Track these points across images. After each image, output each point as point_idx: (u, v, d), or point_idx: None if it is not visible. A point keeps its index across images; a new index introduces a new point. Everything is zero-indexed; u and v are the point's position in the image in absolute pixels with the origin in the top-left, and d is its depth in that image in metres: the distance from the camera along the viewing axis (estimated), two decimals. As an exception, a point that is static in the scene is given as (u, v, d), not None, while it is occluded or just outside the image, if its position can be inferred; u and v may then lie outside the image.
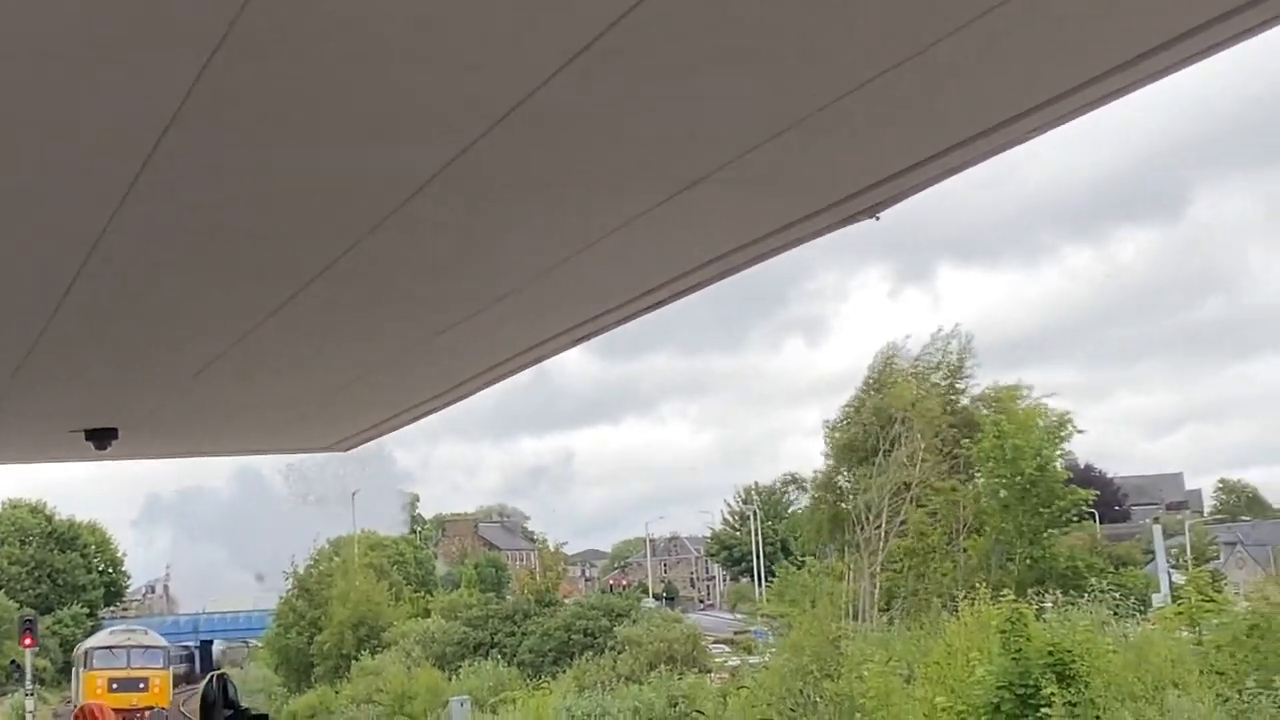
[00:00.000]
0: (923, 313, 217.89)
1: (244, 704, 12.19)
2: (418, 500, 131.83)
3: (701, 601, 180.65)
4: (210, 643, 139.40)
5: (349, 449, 13.79)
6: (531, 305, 8.14)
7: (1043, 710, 27.31)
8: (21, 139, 4.96)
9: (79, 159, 5.21)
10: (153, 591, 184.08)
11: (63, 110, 4.74)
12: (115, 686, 63.15)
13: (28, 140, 4.98)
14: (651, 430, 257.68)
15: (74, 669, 67.74)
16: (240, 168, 5.49)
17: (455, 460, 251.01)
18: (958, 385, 59.31)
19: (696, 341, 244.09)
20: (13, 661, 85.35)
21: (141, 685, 65.21)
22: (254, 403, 10.96)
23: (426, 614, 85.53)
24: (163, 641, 71.93)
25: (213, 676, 12.20)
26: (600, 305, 8.26)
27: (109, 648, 67.96)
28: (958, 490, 54.21)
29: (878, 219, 6.86)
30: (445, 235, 6.67)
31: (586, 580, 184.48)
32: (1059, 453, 55.20)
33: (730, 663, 59.55)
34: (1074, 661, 28.42)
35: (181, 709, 73.22)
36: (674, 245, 7.11)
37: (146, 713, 63.14)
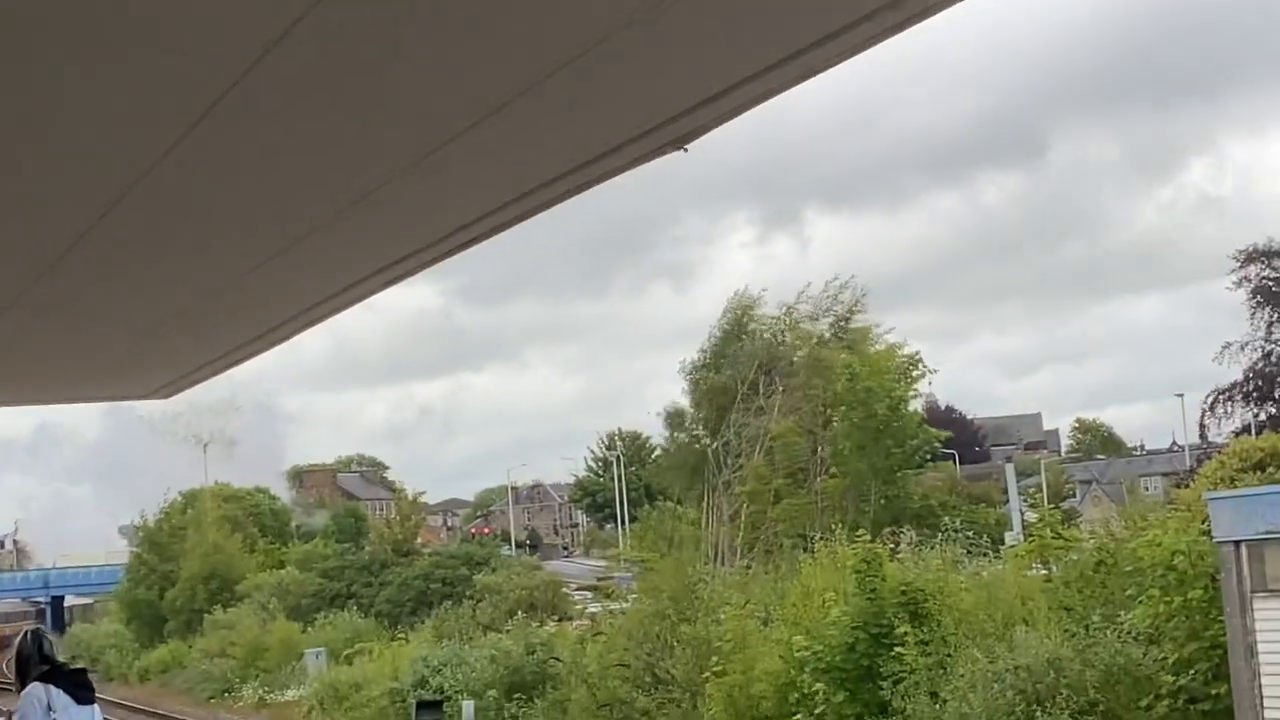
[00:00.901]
0: (789, 259, 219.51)
1: (61, 659, 11.98)
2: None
3: (565, 549, 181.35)
4: (62, 599, 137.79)
5: (168, 396, 13.46)
6: (341, 242, 7.94)
7: (896, 649, 27.62)
8: None
9: None
10: (2, 547, 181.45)
11: None
12: None
13: None
14: (516, 378, 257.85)
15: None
16: (24, 90, 5.27)
17: (313, 410, 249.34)
18: (841, 336, 59.72)
19: (561, 288, 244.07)
20: None
21: None
22: (64, 348, 10.64)
23: (282, 566, 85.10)
24: None
25: (27, 632, 12.01)
26: (409, 244, 8.09)
27: None
28: (798, 433, 54.66)
29: (686, 150, 6.74)
30: (244, 159, 6.46)
31: (449, 530, 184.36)
32: (914, 394, 55.96)
33: (592, 609, 59.78)
34: (926, 600, 28.79)
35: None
36: (477, 182, 6.95)
37: None
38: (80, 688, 11.75)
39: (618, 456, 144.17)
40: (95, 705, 11.94)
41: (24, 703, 11.56)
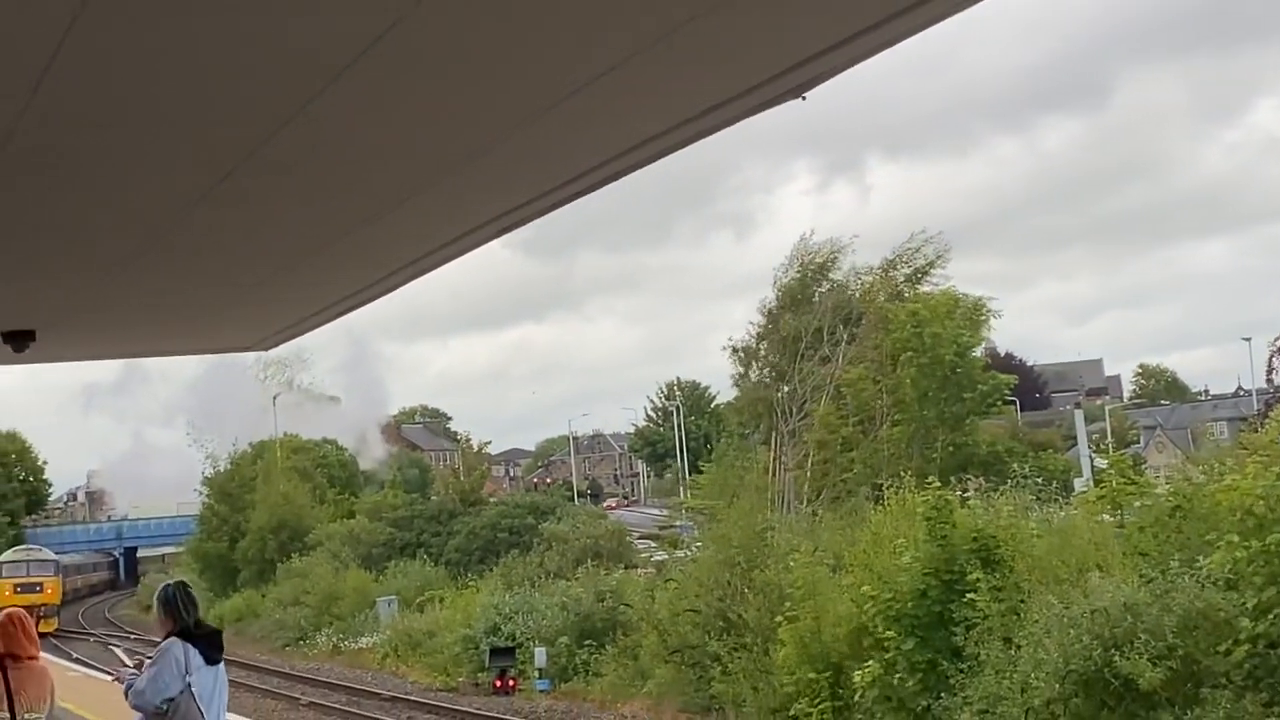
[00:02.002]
0: (851, 206, 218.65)
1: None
2: (338, 400, 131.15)
3: (626, 498, 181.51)
4: (135, 550, 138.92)
5: (270, 348, 13.70)
6: (453, 195, 8.05)
7: (968, 595, 27.60)
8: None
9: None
10: (74, 499, 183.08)
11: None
12: (19, 589, 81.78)
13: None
14: (578, 328, 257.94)
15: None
16: (148, 58, 5.37)
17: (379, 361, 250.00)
18: (919, 288, 59.36)
19: (623, 238, 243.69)
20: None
21: (38, 588, 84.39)
22: (176, 301, 10.81)
23: (351, 515, 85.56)
24: (53, 556, 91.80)
25: (169, 584, 12.13)
26: (523, 194, 8.17)
27: (14, 562, 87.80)
28: (866, 380, 54.53)
29: (804, 99, 6.79)
30: (365, 123, 6.56)
31: (510, 479, 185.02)
32: (978, 340, 55.72)
33: (656, 557, 59.89)
34: (998, 546, 28.69)
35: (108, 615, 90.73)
36: (598, 131, 7.03)
37: (42, 608, 77.32)
38: (214, 649, 11.82)
39: (677, 406, 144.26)
40: (221, 665, 11.94)
41: (162, 657, 11.66)
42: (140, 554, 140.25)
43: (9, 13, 4.78)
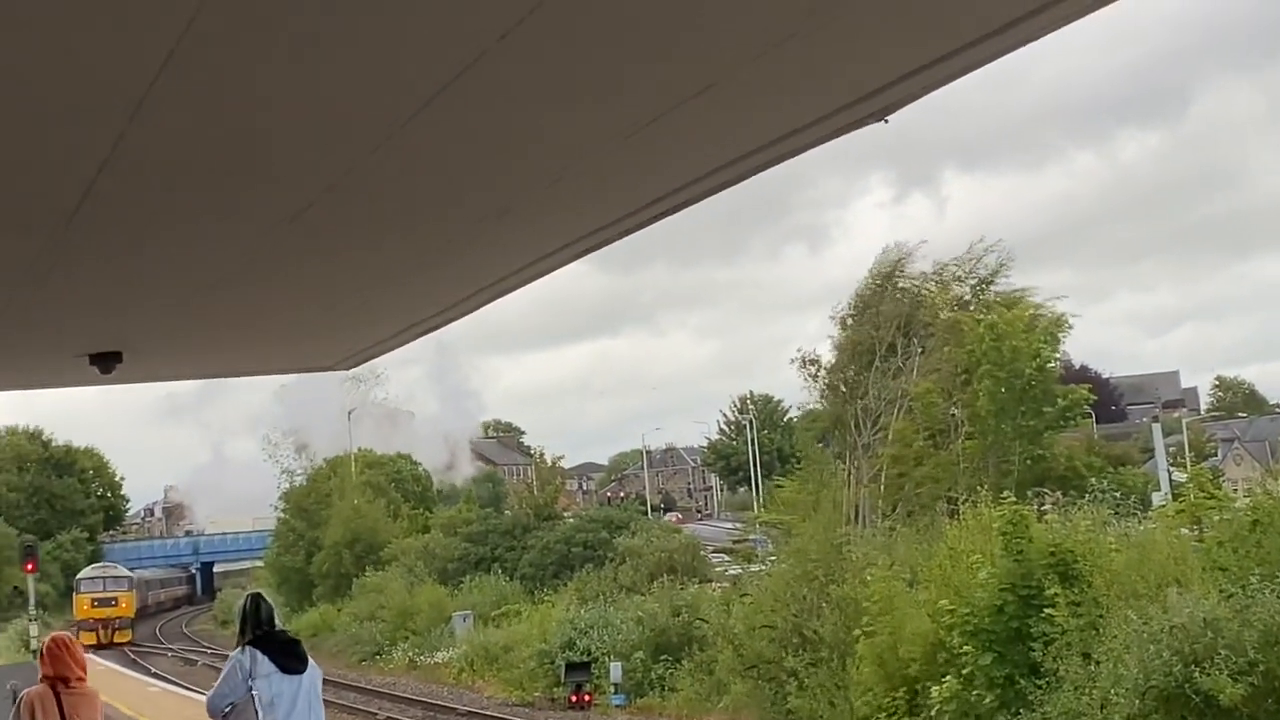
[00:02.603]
0: (926, 219, 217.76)
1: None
2: (412, 416, 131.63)
3: (699, 512, 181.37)
4: (211, 565, 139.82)
5: (350, 368, 13.81)
6: (534, 219, 8.11)
7: (1046, 610, 27.49)
8: (30, 57, 4.92)
9: (87, 77, 5.17)
10: (151, 514, 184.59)
11: (70, 30, 4.70)
12: (96, 603, 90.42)
13: (36, 58, 4.94)
14: (651, 342, 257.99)
15: (73, 593, 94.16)
16: (246, 86, 5.45)
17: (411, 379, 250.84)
18: (983, 296, 59.07)
19: (696, 252, 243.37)
20: (15, 588, 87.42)
21: (113, 602, 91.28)
22: (258, 322, 10.95)
23: (426, 530, 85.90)
24: (127, 573, 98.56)
25: (247, 596, 12.24)
26: (604, 217, 8.23)
27: (92, 578, 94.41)
28: (938, 394, 54.25)
29: (886, 122, 6.82)
30: (448, 151, 6.63)
31: (584, 493, 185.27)
32: (1056, 354, 55.34)
33: (731, 571, 59.81)
34: (1076, 561, 28.58)
35: (184, 630, 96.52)
36: (680, 154, 7.07)
37: (116, 620, 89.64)
38: (289, 657, 11.81)
39: (750, 420, 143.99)
40: (304, 676, 11.87)
41: (228, 666, 11.83)
42: (217, 568, 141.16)
43: (107, 45, 4.87)
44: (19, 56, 4.89)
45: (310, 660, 12.11)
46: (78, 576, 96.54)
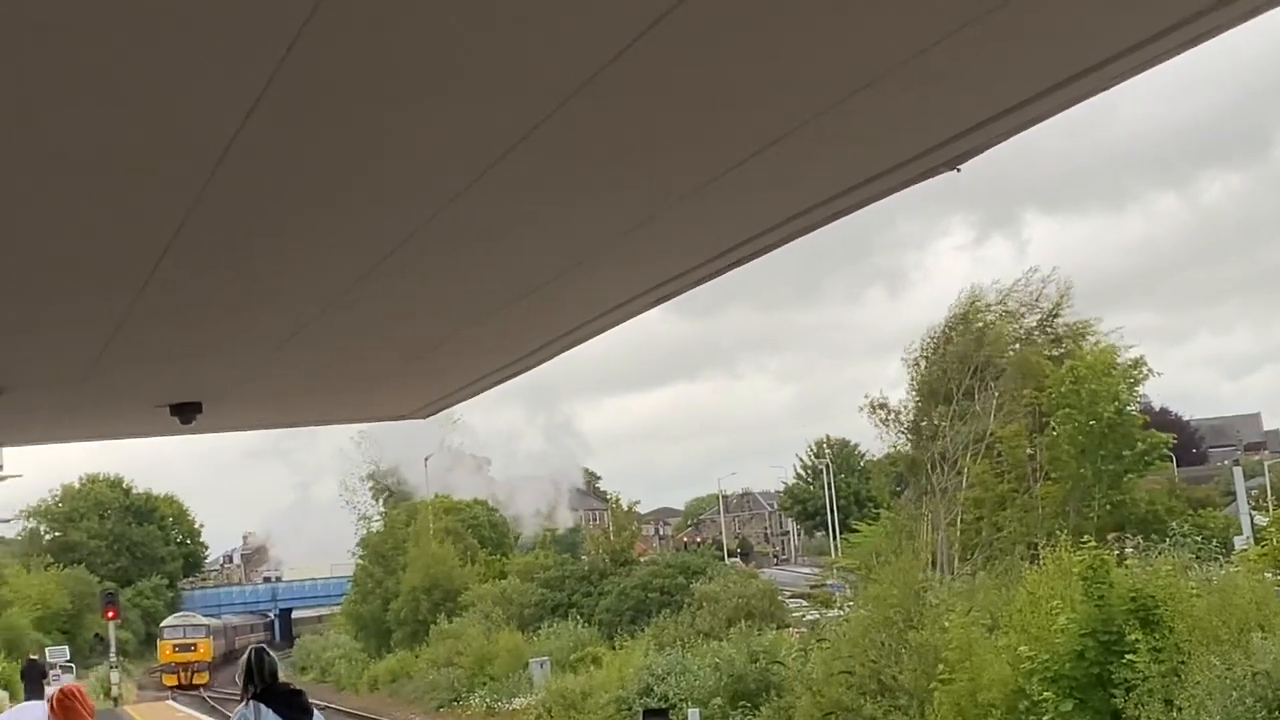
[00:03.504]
0: (1006, 262, 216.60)
1: (281, 677, 12.16)
2: (488, 463, 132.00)
3: (776, 557, 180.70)
4: (290, 611, 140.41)
5: (427, 416, 13.90)
6: (613, 266, 8.17)
7: (1127, 656, 27.25)
8: (113, 113, 5.00)
9: (167, 135, 5.26)
10: (230, 561, 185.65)
11: (150, 85, 4.77)
12: (178, 649, 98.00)
13: (119, 115, 5.02)
14: (728, 386, 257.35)
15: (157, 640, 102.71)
16: (328, 140, 5.53)
17: (507, 425, 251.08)
18: (1049, 330, 58.78)
19: (774, 296, 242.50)
20: (96, 635, 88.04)
21: (192, 648, 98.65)
22: (335, 372, 11.05)
23: (503, 576, 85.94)
24: (205, 621, 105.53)
25: (250, 649, 12.26)
26: (681, 265, 8.28)
27: (174, 626, 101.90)
28: (1022, 436, 53.92)
29: (959, 171, 6.85)
30: (528, 199, 6.70)
31: (660, 538, 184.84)
32: (1135, 396, 54.90)
33: (808, 617, 59.51)
34: (1157, 607, 28.30)
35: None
36: (756, 203, 7.12)
37: (195, 664, 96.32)
38: (294, 709, 11.84)
39: (827, 464, 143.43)
40: None
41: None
42: (295, 614, 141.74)
43: (189, 100, 4.95)
44: (103, 113, 4.98)
45: (315, 712, 12.15)
46: (161, 625, 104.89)
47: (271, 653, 12.43)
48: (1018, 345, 58.13)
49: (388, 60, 4.78)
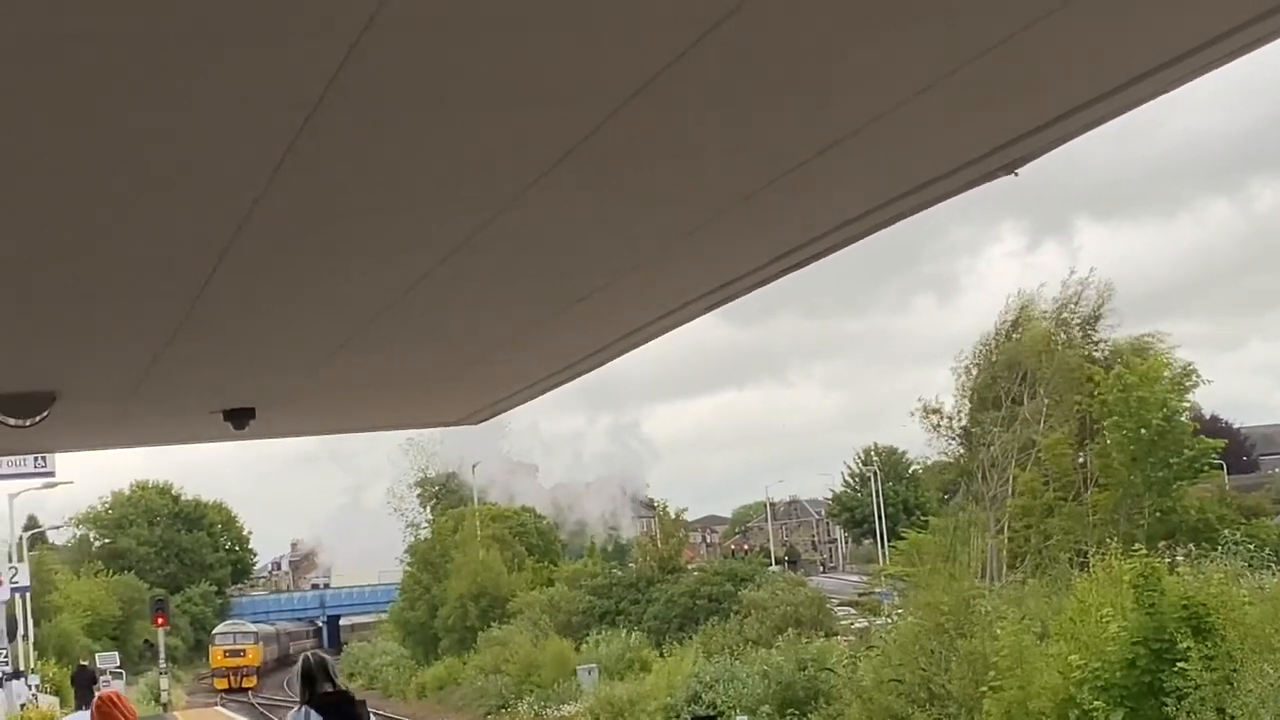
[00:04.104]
0: (1058, 269, 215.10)
1: (338, 683, 12.18)
2: (535, 469, 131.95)
3: (823, 565, 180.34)
4: (338, 618, 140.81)
5: (479, 422, 13.92)
6: (666, 273, 8.16)
7: (1179, 665, 27.09)
8: (171, 119, 5.02)
9: (224, 144, 5.27)
10: (278, 568, 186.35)
11: (209, 91, 4.78)
12: (228, 654, 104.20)
13: (177, 121, 5.04)
14: (778, 393, 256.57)
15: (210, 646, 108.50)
16: (384, 146, 5.53)
17: (570, 429, 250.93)
18: (1092, 335, 58.56)
19: (824, 303, 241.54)
20: (146, 641, 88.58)
21: (242, 653, 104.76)
22: (388, 378, 11.06)
23: (550, 583, 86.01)
24: (253, 628, 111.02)
25: (306, 654, 12.26)
26: (737, 269, 8.26)
27: (224, 633, 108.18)
28: (1067, 444, 53.69)
29: (1016, 175, 6.82)
30: (582, 206, 6.70)
31: (707, 546, 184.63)
32: (1185, 404, 54.58)
33: (857, 625, 59.41)
34: (1209, 615, 28.13)
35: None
36: (809, 209, 7.10)
37: (244, 669, 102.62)
38: (342, 716, 11.79)
39: (875, 472, 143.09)
40: None
41: None
42: (343, 621, 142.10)
43: (246, 112, 4.97)
44: (162, 118, 5.00)
45: None
46: (213, 632, 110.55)
47: (330, 658, 12.42)
48: (1061, 350, 57.90)
49: (444, 67, 4.77)
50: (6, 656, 60.18)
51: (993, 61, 5.27)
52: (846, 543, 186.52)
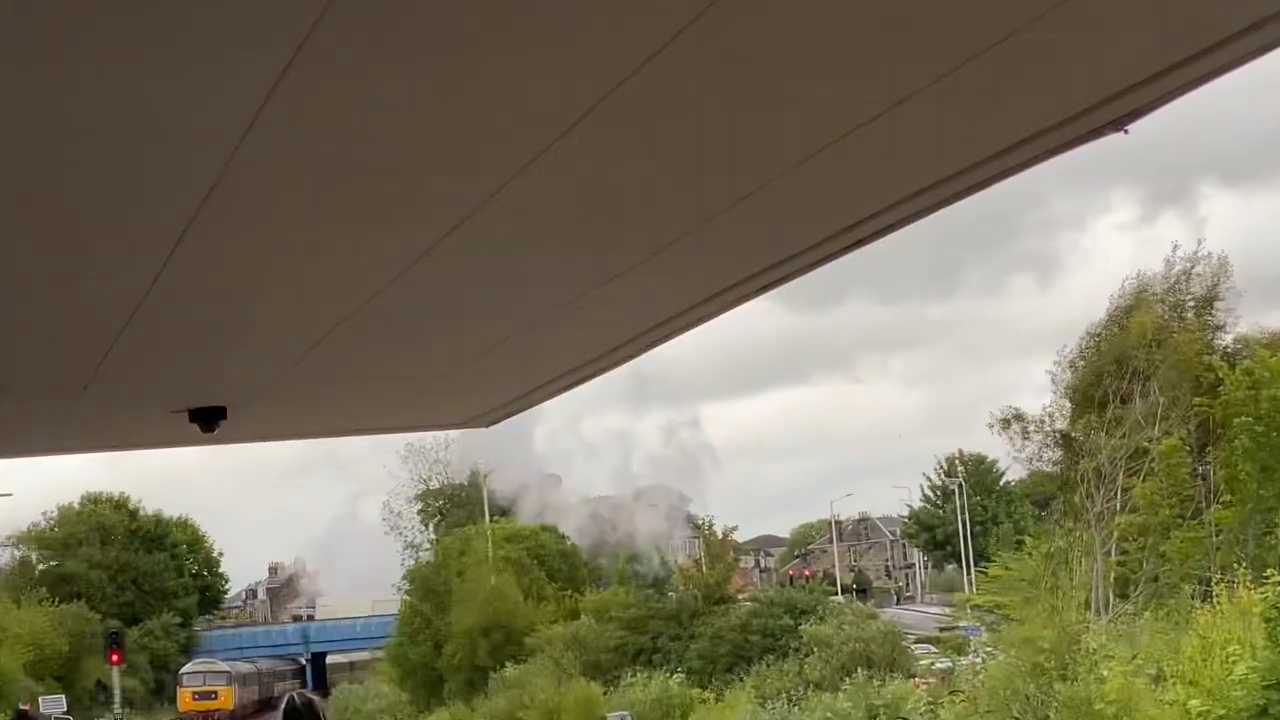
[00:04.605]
0: (1181, 241, 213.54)
1: None
2: (558, 480, 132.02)
3: (898, 594, 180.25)
4: (324, 656, 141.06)
5: (489, 424, 13.90)
6: (711, 247, 8.10)
7: (1321, 713, 27.09)
8: (133, 85, 5.04)
9: (194, 92, 5.28)
10: (254, 596, 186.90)
11: (174, 38, 4.80)
12: (197, 696, 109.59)
13: (133, 75, 5.06)
14: (846, 391, 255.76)
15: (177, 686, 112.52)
16: (372, 102, 5.53)
17: (601, 433, 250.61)
18: (1210, 321, 58.30)
19: (901, 286, 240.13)
20: (98, 682, 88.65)
21: (213, 696, 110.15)
22: (382, 374, 11.05)
23: (575, 615, 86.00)
24: (226, 668, 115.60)
25: (292, 696, 12.38)
26: (793, 245, 8.22)
27: (193, 673, 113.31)
28: (1183, 451, 53.47)
29: (1126, 132, 6.78)
30: (606, 172, 6.67)
31: (762, 571, 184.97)
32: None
33: (938, 665, 59.38)
34: (1357, 654, 28.10)
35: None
36: (887, 169, 7.05)
37: (216, 713, 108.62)
38: None
39: (960, 484, 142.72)
40: None
41: None
42: (330, 659, 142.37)
43: (216, 71, 4.99)
44: (121, 70, 5.02)
45: None
46: (180, 671, 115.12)
47: (319, 700, 12.54)
48: (1175, 340, 57.72)
49: (442, 8, 4.78)
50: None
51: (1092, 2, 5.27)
52: (926, 568, 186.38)
